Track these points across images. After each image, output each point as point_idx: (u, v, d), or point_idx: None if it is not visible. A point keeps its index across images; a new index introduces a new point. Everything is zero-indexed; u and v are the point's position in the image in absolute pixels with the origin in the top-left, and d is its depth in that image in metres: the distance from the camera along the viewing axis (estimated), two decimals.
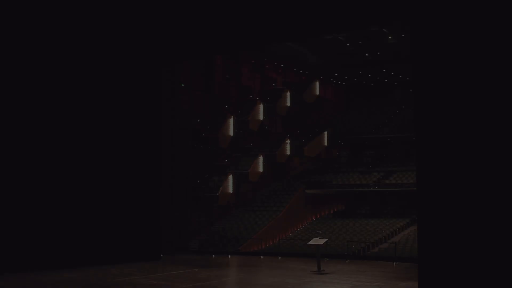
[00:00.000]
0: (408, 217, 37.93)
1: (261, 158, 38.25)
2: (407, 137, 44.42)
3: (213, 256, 24.50)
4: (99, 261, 19.90)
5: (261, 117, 38.94)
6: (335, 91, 52.60)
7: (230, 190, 35.32)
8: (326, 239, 19.60)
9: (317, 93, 45.47)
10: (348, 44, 41.34)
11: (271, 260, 23.02)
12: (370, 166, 43.74)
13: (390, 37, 39.71)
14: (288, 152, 41.26)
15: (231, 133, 35.72)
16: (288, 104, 42.03)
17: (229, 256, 24.67)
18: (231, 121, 35.67)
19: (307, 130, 46.85)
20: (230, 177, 35.32)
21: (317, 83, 45.25)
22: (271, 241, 33.99)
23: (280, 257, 23.95)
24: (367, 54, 44.00)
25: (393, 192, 40.31)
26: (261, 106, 38.92)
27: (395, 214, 39.15)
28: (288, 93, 41.98)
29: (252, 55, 37.90)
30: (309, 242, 19.60)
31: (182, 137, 30.16)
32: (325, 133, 45.17)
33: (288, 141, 41.22)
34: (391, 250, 29.57)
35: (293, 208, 38.24)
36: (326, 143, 45.16)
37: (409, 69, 46.57)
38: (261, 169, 38.32)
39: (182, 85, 29.83)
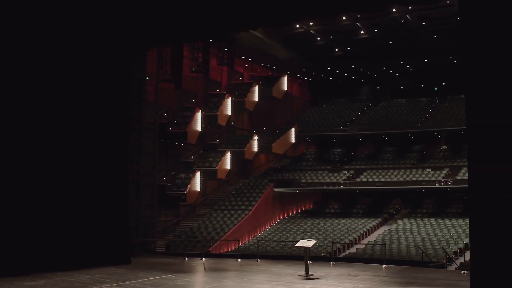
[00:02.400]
0: (380, 216, 36.99)
1: (228, 155, 36.57)
2: (376, 134, 43.67)
3: (186, 259, 22.66)
4: (64, 266, 17.88)
5: (229, 112, 37.25)
6: (303, 87, 51.47)
7: (198, 188, 33.52)
8: (314, 241, 18.10)
9: (285, 88, 44.05)
10: (318, 38, 40.17)
11: (250, 264, 21.38)
12: (339, 164, 42.68)
13: (362, 32, 38.67)
14: (256, 149, 39.70)
15: (199, 128, 33.88)
16: (256, 99, 40.44)
17: (203, 259, 22.88)
18: (199, 115, 33.83)
19: (275, 126, 45.50)
20: (198, 174, 33.51)
21: (285, 78, 43.81)
22: (241, 242, 32.39)
23: (258, 260, 22.33)
24: (336, 49, 42.93)
25: (363, 191, 39.33)
26: (229, 101, 37.23)
27: (365, 213, 38.13)
28: (257, 88, 40.39)
29: (220, 48, 36.13)
30: (297, 244, 18.06)
31: (148, 132, 28.17)
32: (293, 129, 43.82)
33: (256, 138, 39.65)
34: (369, 251, 28.47)
35: (262, 207, 36.76)
36: (293, 140, 43.79)
37: (377, 65, 46.09)
38: (228, 166, 36.64)
39: (147, 78, 27.80)
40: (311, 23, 37.27)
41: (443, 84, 47.79)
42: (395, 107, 47.43)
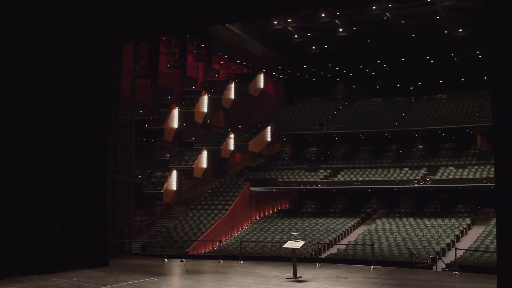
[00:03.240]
0: (357, 216, 36.61)
1: (205, 153, 35.74)
2: (352, 133, 43.34)
3: (165, 260, 21.79)
4: (40, 270, 16.91)
5: (205, 109, 36.42)
6: (278, 85, 50.98)
7: (174, 187, 32.62)
8: (303, 242, 17.46)
9: (262, 86, 43.40)
10: (296, 36, 39.64)
11: (233, 265, 20.64)
12: (315, 163, 42.25)
13: (341, 29, 38.27)
14: (232, 147, 38.94)
15: (175, 125, 32.97)
16: (233, 96, 39.69)
17: (183, 260, 22.04)
18: (175, 112, 32.92)
19: (250, 124, 44.86)
20: (174, 173, 32.61)
21: (262, 75, 43.17)
22: (218, 243, 31.58)
23: (241, 261, 21.60)
24: (314, 47, 42.48)
25: (341, 190, 38.93)
26: (205, 98, 36.39)
27: (343, 213, 37.72)
28: (233, 85, 39.64)
29: (197, 44, 35.30)
30: (285, 245, 17.38)
31: (124, 128, 27.18)
32: (269, 128, 43.19)
33: (232, 136, 38.89)
34: (351, 251, 28.01)
35: (239, 206, 36.06)
36: (269, 139, 43.17)
37: (354, 64, 45.80)
38: (205, 165, 35.80)
39: (122, 74, 26.81)
40: (289, 20, 36.77)
41: (419, 83, 47.80)
42: (371, 106, 47.21)
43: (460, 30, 37.31)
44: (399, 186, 35.31)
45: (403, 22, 36.21)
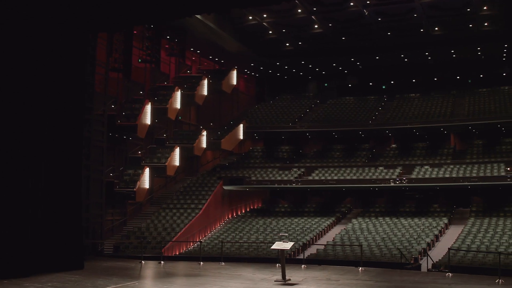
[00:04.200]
0: (332, 215, 36.07)
1: (177, 151, 34.66)
2: (326, 132, 42.81)
3: (142, 262, 20.72)
4: (11, 274, 15.71)
5: (178, 105, 35.32)
6: (249, 82, 50.25)
7: (147, 185, 31.46)
8: (292, 243, 16.68)
9: (235, 82, 42.50)
10: (270, 32, 38.92)
11: (214, 267, 19.72)
12: (288, 162, 41.59)
13: (316, 26, 37.71)
14: (204, 145, 37.94)
15: (148, 121, 31.80)
16: (206, 93, 38.68)
17: (161, 262, 21.02)
18: (148, 108, 31.74)
19: (222, 122, 43.97)
20: (147, 170, 31.45)
21: (235, 72, 42.26)
22: (192, 243, 30.62)
23: (222, 263, 20.69)
24: (287, 44, 41.84)
25: (315, 189, 38.32)
26: (178, 94, 35.29)
27: (317, 212, 37.13)
28: (206, 81, 38.63)
29: (171, 38, 34.24)
30: (273, 247, 16.57)
31: (96, 124, 25.98)
32: (241, 125, 42.30)
33: (204, 133, 37.89)
34: (331, 251, 27.39)
35: (212, 205, 35.11)
36: (241, 137, 42.29)
37: (327, 62, 45.32)
38: (177, 163, 34.74)
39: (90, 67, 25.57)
40: (264, 15, 36.05)
41: (392, 82, 47.63)
42: (343, 105, 46.82)
43: (436, 28, 37.14)
44: (374, 185, 34.89)
45: (380, 19, 35.83)
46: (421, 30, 37.45)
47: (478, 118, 37.91)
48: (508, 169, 33.22)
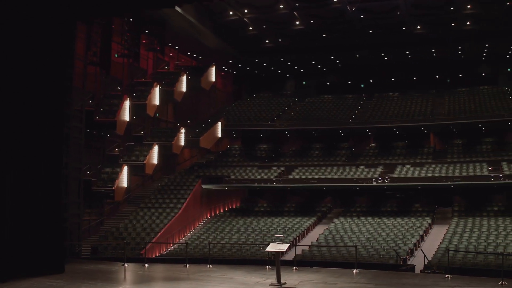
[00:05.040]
0: (313, 215, 35.50)
1: (156, 148, 33.63)
2: (305, 130, 42.25)
3: (126, 265, 19.73)
4: None
5: (157, 101, 34.29)
6: (226, 79, 49.45)
7: (125, 184, 30.38)
8: (287, 244, 15.98)
9: (213, 79, 41.62)
10: (251, 28, 38.14)
11: (203, 270, 18.87)
12: (266, 160, 40.92)
13: (298, 22, 37.06)
14: (183, 143, 36.95)
15: (127, 118, 30.71)
16: (184, 89, 37.70)
17: (145, 265, 20.07)
18: (127, 104, 30.64)
19: (199, 119, 43.03)
20: (125, 169, 30.38)
21: (213, 68, 41.37)
22: (171, 244, 29.67)
23: (210, 265, 19.85)
24: (267, 41, 41.13)
25: (296, 188, 37.71)
26: (157, 90, 34.26)
27: (297, 211, 36.53)
28: (184, 78, 37.65)
29: (150, 33, 33.19)
30: (268, 248, 15.85)
31: (74, 120, 24.82)
32: (219, 123, 41.44)
33: (183, 131, 36.91)
34: (317, 252, 26.76)
35: (191, 205, 34.23)
36: (220, 135, 41.43)
37: (306, 59, 44.73)
38: (156, 161, 33.71)
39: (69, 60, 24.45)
40: (246, 10, 35.22)
41: (371, 81, 47.32)
42: (322, 103, 46.34)
43: (419, 27, 36.84)
44: (356, 184, 34.43)
45: (363, 16, 35.32)
46: (403, 28, 37.12)
47: (459, 117, 37.77)
48: (490, 168, 33.11)
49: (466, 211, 32.96)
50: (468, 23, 35.65)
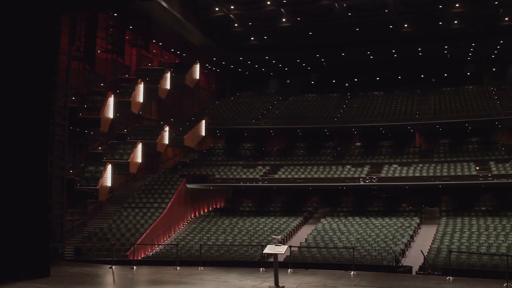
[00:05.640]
0: (300, 214, 35.02)
1: (140, 147, 32.83)
2: (291, 129, 41.75)
3: (113, 267, 18.97)
4: None
5: (141, 99, 33.45)
6: (209, 77, 48.72)
7: (109, 183, 29.53)
8: (286, 246, 15.40)
9: (198, 77, 40.87)
10: (236, 25, 37.52)
11: (195, 273, 18.20)
12: (251, 160, 40.32)
13: (284, 19, 36.54)
14: (167, 141, 36.17)
15: (111, 115, 29.85)
16: (169, 86, 36.90)
17: (134, 267, 19.33)
18: (111, 100, 29.79)
19: (182, 117, 42.27)
20: (109, 167, 29.52)
21: (198, 66, 40.62)
22: (156, 246, 28.91)
23: (201, 268, 19.19)
24: (252, 38, 40.55)
25: (282, 187, 37.17)
26: (141, 86, 33.43)
27: (283, 211, 36.00)
28: (169, 75, 36.84)
29: (133, 29, 32.34)
30: (265, 251, 15.24)
31: (58, 116, 23.96)
32: (203, 122, 40.69)
33: (167, 129, 36.12)
34: (307, 253, 26.23)
35: (176, 204, 33.52)
36: (204, 133, 40.69)
37: (291, 57, 44.18)
38: (140, 159, 32.92)
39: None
40: (232, 6, 34.60)
41: (355, 80, 47.00)
42: (306, 102, 45.86)
43: (406, 25, 36.60)
44: (344, 184, 33.99)
45: (350, 14, 34.93)
46: (390, 26, 36.83)
47: (446, 116, 37.58)
48: (478, 168, 32.95)
49: (454, 211, 32.74)
50: (455, 22, 35.48)
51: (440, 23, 35.79)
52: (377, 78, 46.27)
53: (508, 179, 30.09)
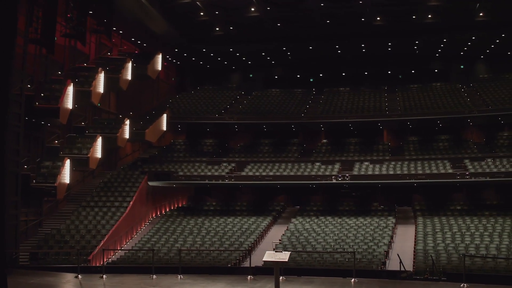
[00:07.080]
0: (268, 214, 33.32)
1: (99, 141, 30.43)
2: (256, 124, 40.07)
3: (79, 277, 16.77)
4: None
5: (102, 89, 31.02)
6: (169, 70, 46.57)
7: (67, 180, 27.07)
8: (288, 253, 13.69)
9: (160, 68, 38.63)
10: (202, 13, 35.48)
11: (177, 283, 16.23)
12: (214, 156, 38.43)
13: (253, 9, 34.76)
14: (127, 136, 33.84)
15: (70, 105, 27.36)
16: (130, 77, 34.55)
17: (104, 276, 17.19)
18: (71, 89, 27.28)
19: (141, 111, 39.94)
20: (67, 163, 27.06)
21: (160, 56, 38.37)
22: (119, 248, 26.68)
23: (180, 276, 17.22)
24: (218, 28, 38.55)
25: (249, 185, 35.37)
26: (102, 76, 30.99)
27: (250, 210, 34.25)
28: (130, 65, 34.50)
29: (93, 14, 29.92)
30: (265, 258, 13.52)
31: (12, 105, 21.47)
32: (164, 116, 38.50)
33: (127, 122, 33.78)
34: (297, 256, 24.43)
35: (137, 203, 31.32)
36: (165, 128, 38.51)
37: (256, 50, 42.47)
38: (100, 154, 30.51)
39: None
40: None
41: (321, 75, 45.74)
42: (270, 97, 44.32)
43: (378, 18, 35.39)
44: (314, 182, 32.48)
45: (322, 4, 33.47)
46: (362, 19, 35.58)
47: (417, 113, 36.69)
48: (451, 165, 32.10)
49: (429, 210, 31.76)
50: (429, 16, 34.55)
51: (414, 16, 34.84)
52: (343, 74, 45.17)
53: (486, 178, 29.24)
